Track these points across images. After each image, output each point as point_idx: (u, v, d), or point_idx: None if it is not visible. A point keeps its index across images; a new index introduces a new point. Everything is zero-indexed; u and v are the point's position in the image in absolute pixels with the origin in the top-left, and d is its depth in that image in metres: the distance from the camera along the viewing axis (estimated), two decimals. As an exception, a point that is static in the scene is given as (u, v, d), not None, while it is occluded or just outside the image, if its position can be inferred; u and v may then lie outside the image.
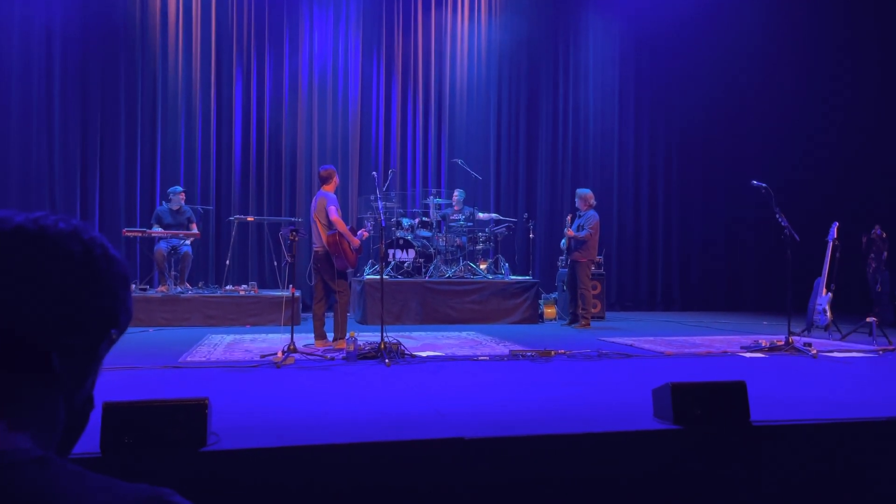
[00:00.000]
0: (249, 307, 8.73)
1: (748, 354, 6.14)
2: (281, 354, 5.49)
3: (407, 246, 9.55)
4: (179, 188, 9.34)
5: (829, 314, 7.60)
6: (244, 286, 9.32)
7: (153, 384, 4.51)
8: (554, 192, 12.37)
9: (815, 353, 6.01)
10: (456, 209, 10.12)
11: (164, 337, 7.34)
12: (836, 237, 7.99)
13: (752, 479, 3.19)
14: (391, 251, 9.43)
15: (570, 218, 9.36)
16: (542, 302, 9.71)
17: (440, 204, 10.39)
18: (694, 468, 3.18)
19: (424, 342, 6.98)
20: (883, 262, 9.42)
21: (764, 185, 6.93)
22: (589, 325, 8.74)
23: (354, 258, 6.55)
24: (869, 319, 7.12)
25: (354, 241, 6.52)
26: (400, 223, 9.70)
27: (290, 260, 6.30)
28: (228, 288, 9.18)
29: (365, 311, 8.96)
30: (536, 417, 3.54)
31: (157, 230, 8.93)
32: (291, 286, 6.49)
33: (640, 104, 12.74)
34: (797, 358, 5.94)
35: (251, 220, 9.82)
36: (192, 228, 9.13)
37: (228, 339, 7.22)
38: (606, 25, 12.60)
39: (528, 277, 9.89)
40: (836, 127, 12.85)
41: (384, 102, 11.69)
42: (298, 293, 8.61)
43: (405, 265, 9.52)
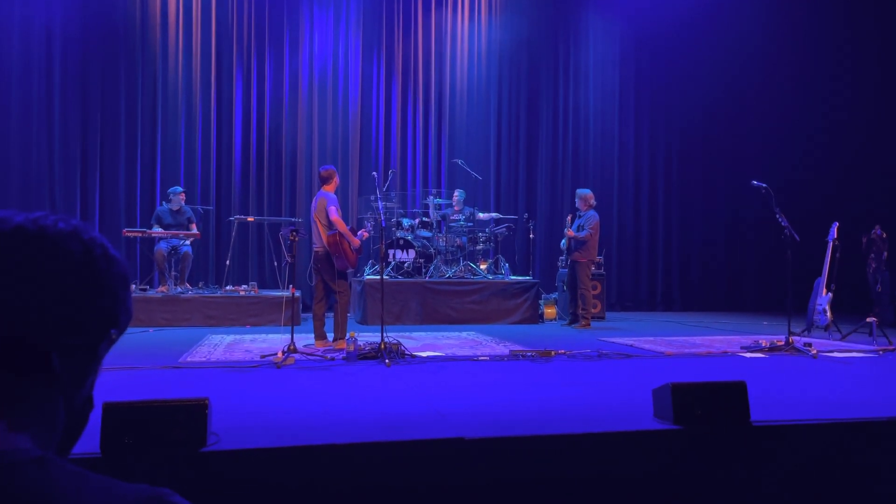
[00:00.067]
0: (249, 307, 8.73)
1: (748, 354, 6.14)
2: (281, 355, 5.49)
3: (407, 246, 9.55)
4: (179, 188, 9.34)
5: (829, 314, 7.60)
6: (244, 286, 9.32)
7: (153, 384, 4.51)
8: (554, 192, 12.37)
9: (815, 353, 6.01)
10: (456, 209, 10.12)
11: (164, 337, 7.34)
12: (836, 237, 7.99)
13: (752, 479, 3.19)
14: (391, 251, 9.43)
15: (570, 218, 9.35)
16: (542, 302, 9.71)
17: (440, 204, 10.39)
18: (694, 468, 3.18)
19: (425, 342, 6.98)
20: (883, 262, 9.42)
21: (764, 185, 6.93)
22: (589, 325, 8.74)
23: (355, 258, 6.55)
24: (869, 320, 7.12)
25: (355, 241, 6.52)
26: (400, 223, 9.69)
27: (290, 260, 6.30)
28: (229, 288, 9.18)
29: (365, 311, 8.96)
30: (537, 418, 3.54)
31: (157, 230, 8.93)
32: (291, 286, 6.49)
33: (640, 104, 12.74)
34: (797, 358, 5.94)
35: (251, 220, 9.83)
36: (191, 229, 9.13)
37: (229, 339, 7.22)
38: (606, 26, 12.60)
39: (528, 278, 9.89)
40: (836, 127, 12.84)
41: (384, 103, 11.69)
42: (298, 293, 8.60)
43: (405, 265, 9.52)
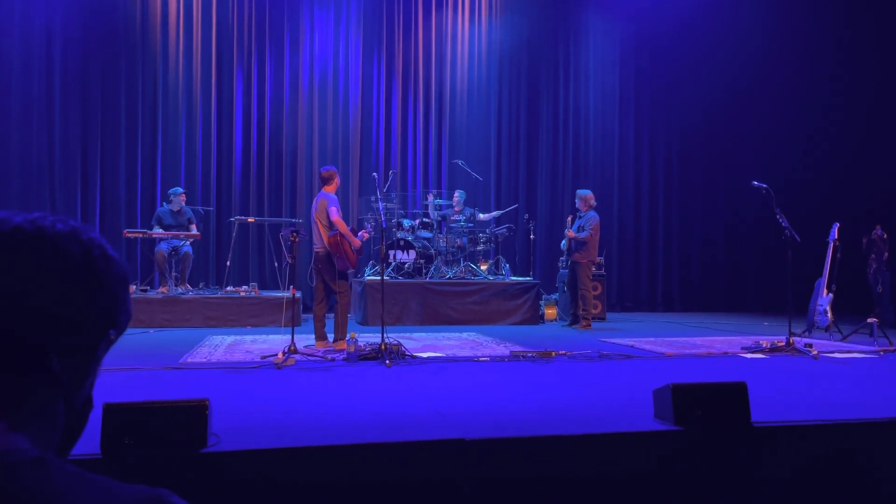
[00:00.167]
0: (250, 308, 8.73)
1: (749, 355, 6.13)
2: (281, 355, 5.49)
3: (407, 247, 9.55)
4: (180, 189, 9.34)
5: (829, 315, 7.59)
6: (245, 287, 9.32)
7: (154, 385, 4.50)
8: (554, 192, 12.37)
9: (815, 353, 6.00)
10: (456, 210, 10.12)
11: (164, 338, 7.34)
12: (836, 238, 7.99)
13: (752, 479, 3.18)
14: (392, 252, 9.42)
15: (570, 219, 9.35)
16: (542, 303, 9.71)
17: (440, 205, 10.38)
18: (695, 469, 3.17)
19: (425, 343, 6.97)
20: (884, 262, 9.42)
21: (764, 185, 6.93)
22: (590, 325, 8.74)
23: (355, 259, 6.55)
24: (870, 320, 7.11)
25: (355, 241, 6.52)
26: (400, 224, 9.69)
27: (290, 261, 6.30)
28: (229, 289, 9.18)
29: (365, 311, 8.95)
30: (537, 418, 3.53)
31: (157, 231, 8.93)
32: (292, 287, 6.49)
33: (640, 105, 12.74)
34: (798, 359, 5.93)
35: (252, 221, 9.83)
36: (192, 229, 9.12)
37: (229, 340, 7.22)
38: (606, 26, 12.60)
39: (528, 278, 9.88)
40: (836, 127, 12.84)
41: (385, 103, 11.69)
42: (299, 294, 8.61)
43: (406, 266, 9.51)
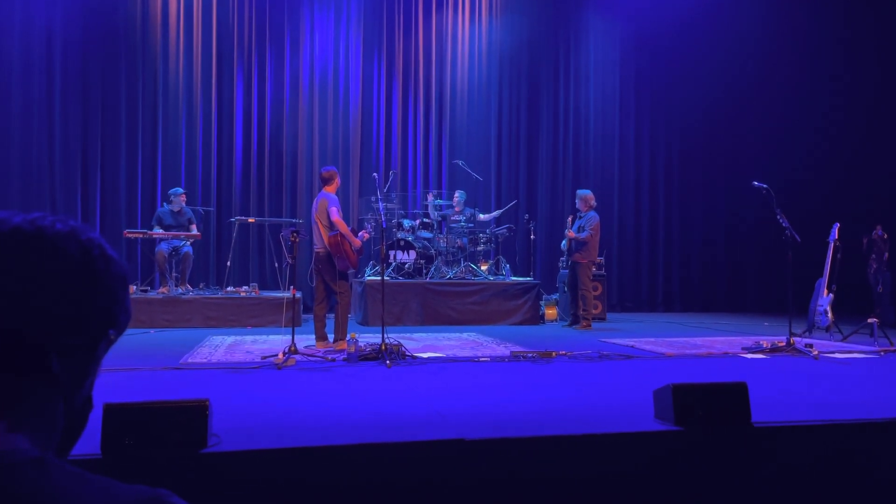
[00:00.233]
0: (250, 308, 8.73)
1: (749, 355, 6.13)
2: (282, 356, 5.49)
3: (408, 247, 9.54)
4: (180, 189, 9.34)
5: (830, 315, 7.59)
6: (245, 287, 9.32)
7: (154, 385, 4.50)
8: (554, 193, 12.37)
9: (816, 354, 6.00)
10: (457, 210, 10.12)
11: (164, 338, 7.34)
12: (837, 238, 7.98)
13: (753, 480, 3.18)
14: (392, 252, 9.42)
15: (570, 219, 9.35)
16: (543, 303, 9.71)
17: (441, 205, 10.38)
18: (695, 469, 3.17)
19: (425, 343, 6.97)
20: (884, 262, 9.42)
21: (765, 185, 6.93)
22: (590, 326, 8.74)
23: (356, 259, 6.56)
24: (870, 320, 7.11)
25: (356, 241, 6.52)
26: (401, 224, 9.69)
27: (290, 261, 6.30)
28: (229, 289, 9.18)
29: (366, 312, 8.95)
30: (537, 419, 3.53)
31: (157, 231, 8.93)
32: (292, 287, 6.49)
33: (640, 105, 12.74)
34: (798, 359, 5.93)
35: (252, 221, 9.83)
36: (192, 230, 9.12)
37: (229, 340, 7.21)
38: (606, 26, 12.60)
39: (529, 279, 9.88)
40: (836, 127, 12.84)
41: (385, 103, 11.69)
42: (299, 294, 8.60)
43: (406, 266, 9.51)
